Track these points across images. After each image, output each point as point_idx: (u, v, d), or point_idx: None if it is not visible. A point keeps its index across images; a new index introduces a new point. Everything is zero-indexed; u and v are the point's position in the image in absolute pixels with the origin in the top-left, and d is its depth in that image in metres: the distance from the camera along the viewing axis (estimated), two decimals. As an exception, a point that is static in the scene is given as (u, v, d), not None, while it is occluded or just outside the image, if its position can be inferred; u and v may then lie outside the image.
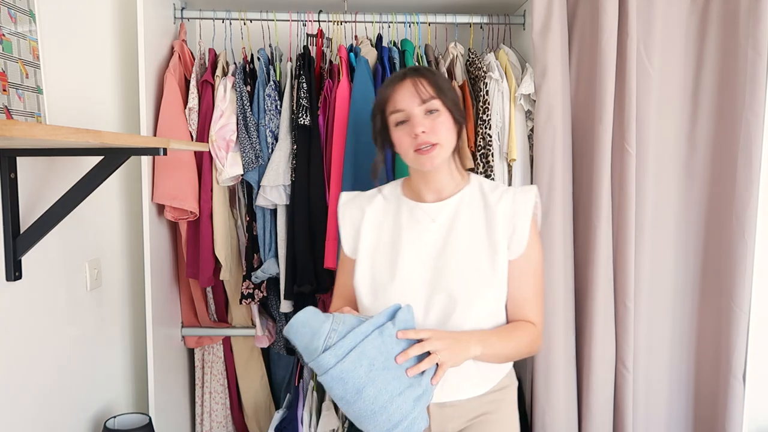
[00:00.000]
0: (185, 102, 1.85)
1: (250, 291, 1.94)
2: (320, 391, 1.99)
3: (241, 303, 1.96)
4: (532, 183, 1.80)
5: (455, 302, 1.18)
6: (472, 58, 1.91)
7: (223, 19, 1.91)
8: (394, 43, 1.95)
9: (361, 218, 1.31)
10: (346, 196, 1.36)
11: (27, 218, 1.30)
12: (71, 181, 1.32)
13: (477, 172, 1.81)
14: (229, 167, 1.81)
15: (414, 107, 1.20)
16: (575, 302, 1.85)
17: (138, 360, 1.92)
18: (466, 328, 1.17)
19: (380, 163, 1.33)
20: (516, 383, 1.36)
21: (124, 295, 1.85)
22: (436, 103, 1.20)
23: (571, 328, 1.82)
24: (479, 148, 1.81)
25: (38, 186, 1.38)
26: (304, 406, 1.94)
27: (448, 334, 1.12)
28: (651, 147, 1.78)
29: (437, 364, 1.07)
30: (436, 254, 1.22)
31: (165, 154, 1.27)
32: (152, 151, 1.25)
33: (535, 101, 1.79)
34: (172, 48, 1.89)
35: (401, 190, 1.34)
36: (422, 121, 1.19)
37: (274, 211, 1.90)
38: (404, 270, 1.22)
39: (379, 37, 1.98)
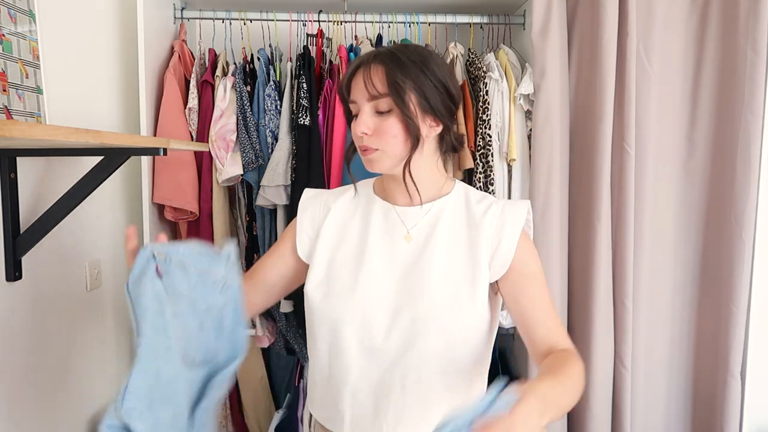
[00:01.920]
0: (185, 102, 1.85)
1: (250, 291, 1.94)
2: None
3: (240, 303, 1.95)
4: (531, 183, 1.80)
5: (424, 326, 0.98)
6: (472, 58, 1.91)
7: (223, 19, 1.91)
8: (394, 43, 1.95)
9: (323, 218, 1.11)
10: (309, 193, 1.17)
11: (27, 218, 1.30)
12: (71, 181, 1.32)
13: (477, 172, 1.81)
14: (229, 167, 1.81)
15: (363, 102, 0.99)
16: (575, 302, 1.85)
17: (138, 360, 1.92)
18: (433, 356, 0.97)
19: (352, 152, 1.11)
20: None
21: (124, 296, 1.85)
22: (386, 103, 0.97)
23: (565, 327, 1.82)
24: (479, 148, 1.81)
25: (38, 186, 1.38)
26: (304, 406, 1.94)
27: (512, 416, 0.72)
28: (650, 147, 1.78)
29: None
30: (407, 268, 1.02)
31: (165, 154, 1.27)
32: (152, 151, 1.25)
33: (534, 101, 1.79)
34: (172, 48, 1.89)
35: (373, 188, 1.13)
36: (366, 121, 0.98)
37: (274, 211, 1.90)
38: (367, 284, 1.02)
39: (379, 37, 1.98)
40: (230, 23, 1.91)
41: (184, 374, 0.90)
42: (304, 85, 1.81)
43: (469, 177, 1.84)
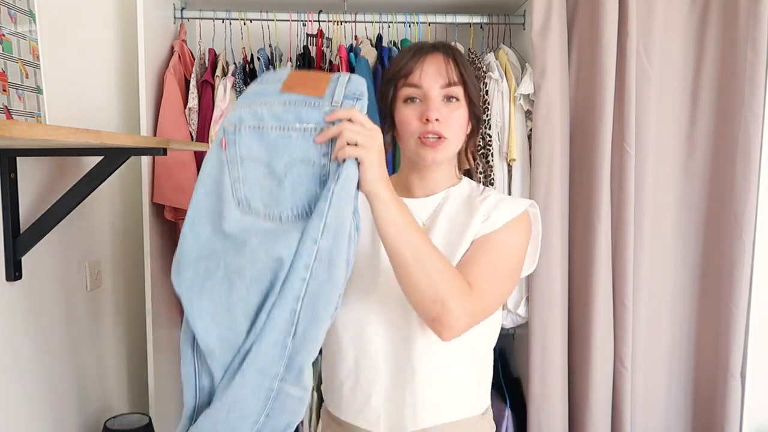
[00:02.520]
0: (185, 102, 1.85)
1: (250, 291, 1.94)
2: (320, 391, 1.99)
3: (240, 303, 1.95)
4: (531, 183, 1.80)
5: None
6: (472, 58, 1.91)
7: (223, 19, 1.91)
8: (394, 43, 1.95)
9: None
10: None
11: (27, 218, 1.30)
12: (71, 181, 1.32)
13: (477, 172, 1.81)
14: (229, 167, 1.81)
15: (435, 88, 1.00)
16: (575, 302, 1.85)
17: (138, 360, 1.92)
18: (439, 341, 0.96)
19: (388, 145, 1.08)
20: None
21: (124, 295, 1.85)
22: (459, 92, 1.01)
23: (566, 326, 1.83)
24: (479, 148, 1.81)
25: (38, 186, 1.38)
26: (303, 405, 1.94)
27: (383, 153, 0.89)
28: (650, 147, 1.78)
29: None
30: None
31: (165, 154, 1.27)
32: (152, 151, 1.25)
33: (534, 101, 1.79)
34: (172, 48, 1.89)
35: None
36: (439, 107, 1.00)
37: (273, 211, 1.90)
38: (385, 280, 1.02)
39: (379, 37, 1.98)
40: (230, 23, 1.91)
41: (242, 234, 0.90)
42: (304, 85, 1.80)
43: (468, 177, 1.84)
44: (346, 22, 1.94)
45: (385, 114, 1.08)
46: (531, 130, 1.83)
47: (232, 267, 0.89)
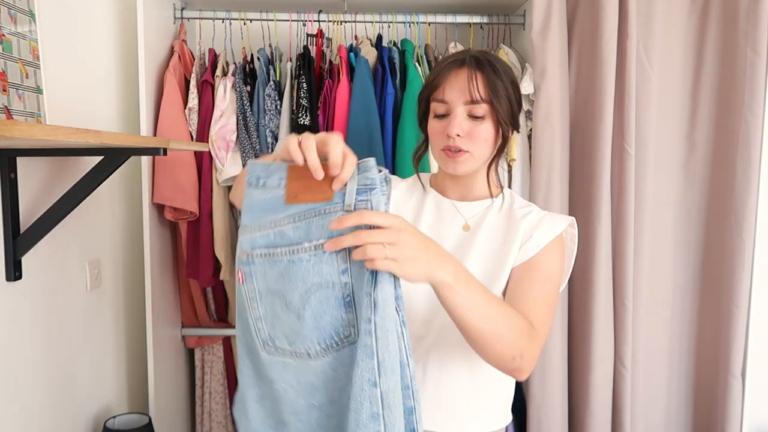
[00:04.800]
0: (185, 102, 1.85)
1: (250, 291, 1.94)
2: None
3: (241, 303, 1.95)
4: (531, 183, 1.80)
5: None
6: (472, 58, 1.91)
7: (223, 19, 1.91)
8: (394, 43, 1.95)
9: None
10: None
11: (27, 218, 1.30)
12: (71, 181, 1.32)
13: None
14: (229, 167, 1.81)
15: (458, 104, 1.02)
16: (575, 302, 1.85)
17: (138, 360, 1.92)
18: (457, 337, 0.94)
19: (423, 150, 1.15)
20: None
21: (124, 295, 1.85)
22: (483, 109, 1.01)
23: (565, 326, 1.82)
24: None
25: (38, 186, 1.38)
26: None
27: (420, 232, 0.79)
28: (650, 147, 1.78)
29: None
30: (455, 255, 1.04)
31: (165, 154, 1.27)
32: (152, 151, 1.25)
33: (534, 101, 1.79)
34: (172, 48, 1.89)
35: (429, 181, 1.18)
36: (461, 123, 1.02)
37: (274, 211, 1.89)
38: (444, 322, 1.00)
39: (379, 37, 1.98)
40: (230, 23, 1.91)
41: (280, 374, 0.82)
42: (304, 85, 1.81)
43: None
44: (346, 22, 1.94)
45: (421, 120, 1.11)
46: (531, 130, 1.83)
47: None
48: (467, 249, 1.06)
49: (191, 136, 1.85)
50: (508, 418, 1.14)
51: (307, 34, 1.94)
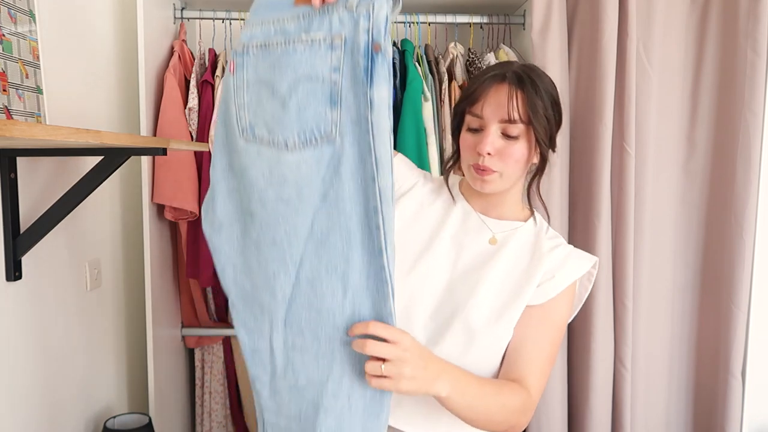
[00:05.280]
0: (185, 102, 1.85)
1: (250, 291, 1.94)
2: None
3: (241, 303, 1.95)
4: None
5: (471, 333, 0.99)
6: (472, 58, 1.91)
7: (223, 19, 1.91)
8: (394, 43, 1.95)
9: (412, 185, 1.11)
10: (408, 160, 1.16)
11: (27, 218, 1.30)
12: (71, 181, 1.32)
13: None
14: (229, 167, 1.81)
15: (493, 122, 0.98)
16: (575, 302, 1.85)
17: (138, 360, 1.92)
18: (453, 358, 0.95)
19: (453, 162, 1.11)
20: None
21: (124, 295, 1.85)
22: (519, 129, 0.97)
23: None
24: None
25: (38, 186, 1.38)
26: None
27: (422, 349, 0.86)
28: (650, 147, 1.78)
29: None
30: (471, 269, 1.03)
31: (165, 154, 1.27)
32: (152, 151, 1.25)
33: (534, 101, 1.79)
34: (172, 48, 1.89)
35: (458, 187, 1.13)
36: (493, 141, 0.98)
37: (274, 211, 1.89)
38: (424, 272, 1.03)
39: (379, 37, 1.98)
40: (230, 23, 1.91)
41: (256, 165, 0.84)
42: (304, 85, 1.80)
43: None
44: (346, 22, 1.94)
45: (454, 131, 1.08)
46: (531, 130, 1.83)
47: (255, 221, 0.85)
48: (492, 263, 1.03)
49: (191, 136, 1.85)
50: None
51: (307, 34, 1.94)
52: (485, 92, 0.99)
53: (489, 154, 0.98)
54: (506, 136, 0.98)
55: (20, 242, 1.27)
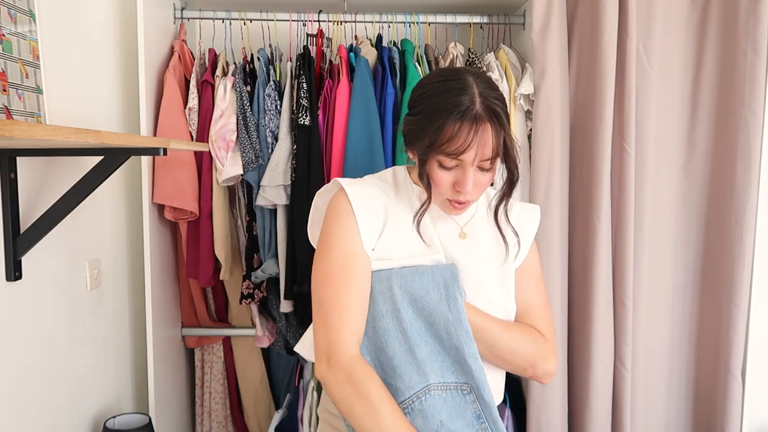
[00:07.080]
0: (185, 102, 1.85)
1: (250, 291, 1.94)
2: (320, 390, 1.99)
3: (241, 303, 1.96)
4: (531, 183, 1.80)
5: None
6: (472, 58, 1.91)
7: (223, 19, 1.91)
8: (394, 43, 1.95)
9: (385, 207, 1.09)
10: (355, 191, 1.08)
11: (27, 218, 1.30)
12: (71, 181, 1.32)
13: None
14: (229, 167, 1.81)
15: (473, 162, 0.99)
16: (575, 302, 1.85)
17: (138, 360, 1.92)
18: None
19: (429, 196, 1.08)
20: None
21: (124, 295, 1.85)
22: (497, 159, 1.01)
23: (565, 326, 1.83)
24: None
25: (38, 186, 1.38)
26: (304, 406, 1.94)
27: None
28: (650, 147, 1.78)
29: None
30: (460, 263, 1.10)
31: (165, 154, 1.27)
32: (152, 151, 1.26)
33: (534, 101, 1.79)
34: (172, 48, 1.89)
35: (410, 178, 1.14)
36: (473, 178, 1.01)
37: (274, 211, 1.90)
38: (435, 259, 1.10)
39: (379, 37, 1.98)
40: (230, 23, 1.91)
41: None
42: (304, 85, 1.80)
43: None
44: (346, 22, 1.94)
45: (418, 156, 1.03)
46: (531, 130, 1.83)
47: None
48: (472, 258, 1.11)
49: (191, 136, 1.85)
50: (499, 397, 1.15)
51: (307, 34, 1.94)
52: (464, 133, 0.96)
53: (469, 191, 1.02)
54: (481, 169, 1.02)
55: (20, 242, 1.27)
